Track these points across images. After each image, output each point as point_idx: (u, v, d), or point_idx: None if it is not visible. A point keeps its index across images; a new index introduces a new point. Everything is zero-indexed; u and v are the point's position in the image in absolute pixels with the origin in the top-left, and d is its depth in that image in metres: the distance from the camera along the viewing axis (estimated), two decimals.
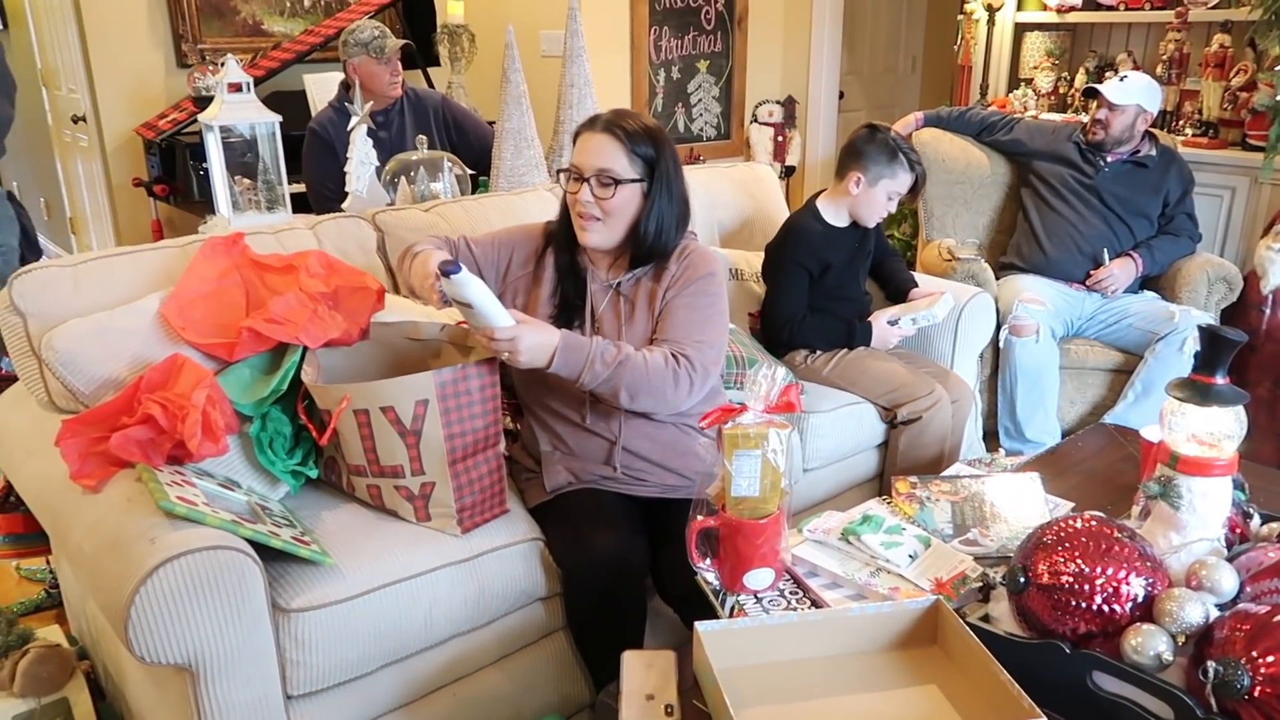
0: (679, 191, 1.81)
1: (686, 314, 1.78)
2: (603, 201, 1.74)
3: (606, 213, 1.76)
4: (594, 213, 1.76)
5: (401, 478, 1.67)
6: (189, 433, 1.52)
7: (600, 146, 1.75)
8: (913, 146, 2.47)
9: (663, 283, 1.82)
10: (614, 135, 1.74)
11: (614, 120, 1.76)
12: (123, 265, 1.89)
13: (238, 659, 1.42)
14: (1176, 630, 1.20)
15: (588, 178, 1.75)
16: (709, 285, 1.82)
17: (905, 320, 2.47)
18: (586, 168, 1.75)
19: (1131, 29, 4.04)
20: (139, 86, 4.09)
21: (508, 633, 1.75)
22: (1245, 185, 3.43)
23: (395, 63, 3.15)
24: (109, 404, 1.59)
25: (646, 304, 1.82)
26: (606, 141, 1.74)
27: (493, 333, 1.59)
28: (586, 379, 1.66)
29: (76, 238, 4.96)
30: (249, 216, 2.47)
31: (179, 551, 1.35)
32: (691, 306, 1.79)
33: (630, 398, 1.69)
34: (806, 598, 1.45)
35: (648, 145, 1.75)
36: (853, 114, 5.08)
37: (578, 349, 1.65)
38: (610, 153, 1.74)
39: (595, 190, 1.74)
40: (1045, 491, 1.74)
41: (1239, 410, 1.34)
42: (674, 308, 1.79)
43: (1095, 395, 2.99)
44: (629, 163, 1.74)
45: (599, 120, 1.78)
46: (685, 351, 1.73)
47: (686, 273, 1.81)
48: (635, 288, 1.84)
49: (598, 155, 1.74)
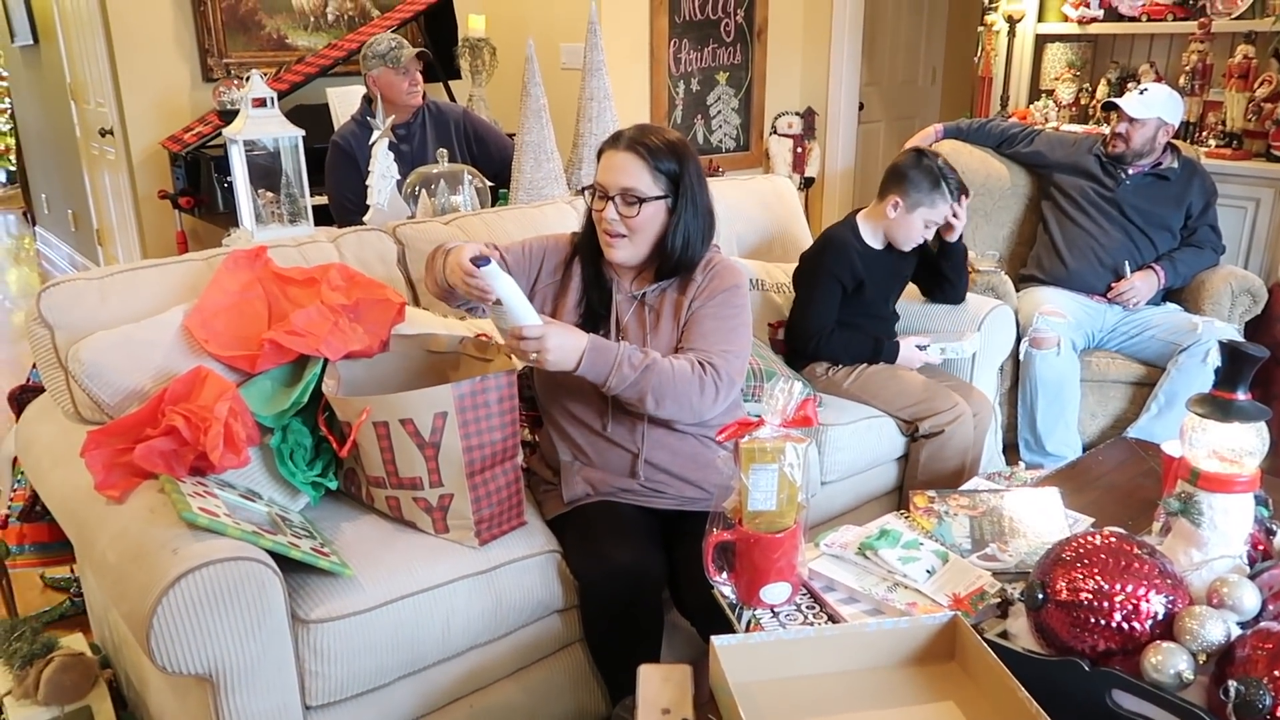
0: (704, 205, 1.82)
1: (713, 324, 1.79)
2: (628, 220, 1.75)
3: (632, 230, 1.76)
4: (619, 230, 1.76)
5: (420, 489, 1.69)
6: (211, 444, 1.54)
7: (624, 165, 1.75)
8: (955, 170, 2.43)
9: (688, 294, 1.82)
10: (637, 153, 1.74)
11: (637, 137, 1.76)
12: (148, 278, 1.92)
13: (258, 669, 1.43)
14: (1197, 649, 1.19)
15: (612, 196, 1.75)
16: (734, 296, 1.83)
17: (934, 349, 2.46)
18: (611, 186, 1.75)
19: (1154, 40, 4.01)
20: (165, 100, 4.15)
21: (524, 645, 1.76)
22: (1270, 197, 3.40)
23: (414, 72, 3.17)
24: (133, 416, 1.61)
25: (672, 314, 1.83)
26: (630, 160, 1.74)
27: (521, 331, 1.60)
28: (614, 382, 1.67)
29: (103, 249, 5.03)
30: (272, 229, 2.49)
31: (201, 562, 1.37)
32: (718, 317, 1.80)
33: (656, 403, 1.70)
34: (823, 613, 1.45)
35: (671, 161, 1.76)
36: (872, 125, 5.08)
37: (606, 351, 1.66)
38: (634, 171, 1.74)
39: (620, 208, 1.75)
40: (1065, 506, 1.72)
41: (1261, 426, 1.33)
42: (700, 318, 1.80)
43: (1117, 408, 2.96)
44: (653, 180, 1.75)
45: (622, 137, 1.78)
46: (712, 360, 1.73)
47: (713, 283, 1.82)
48: (661, 298, 1.84)
49: (622, 174, 1.75)
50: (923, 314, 2.66)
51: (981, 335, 2.54)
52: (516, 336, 1.61)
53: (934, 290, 2.63)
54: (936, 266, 2.57)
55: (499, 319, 1.64)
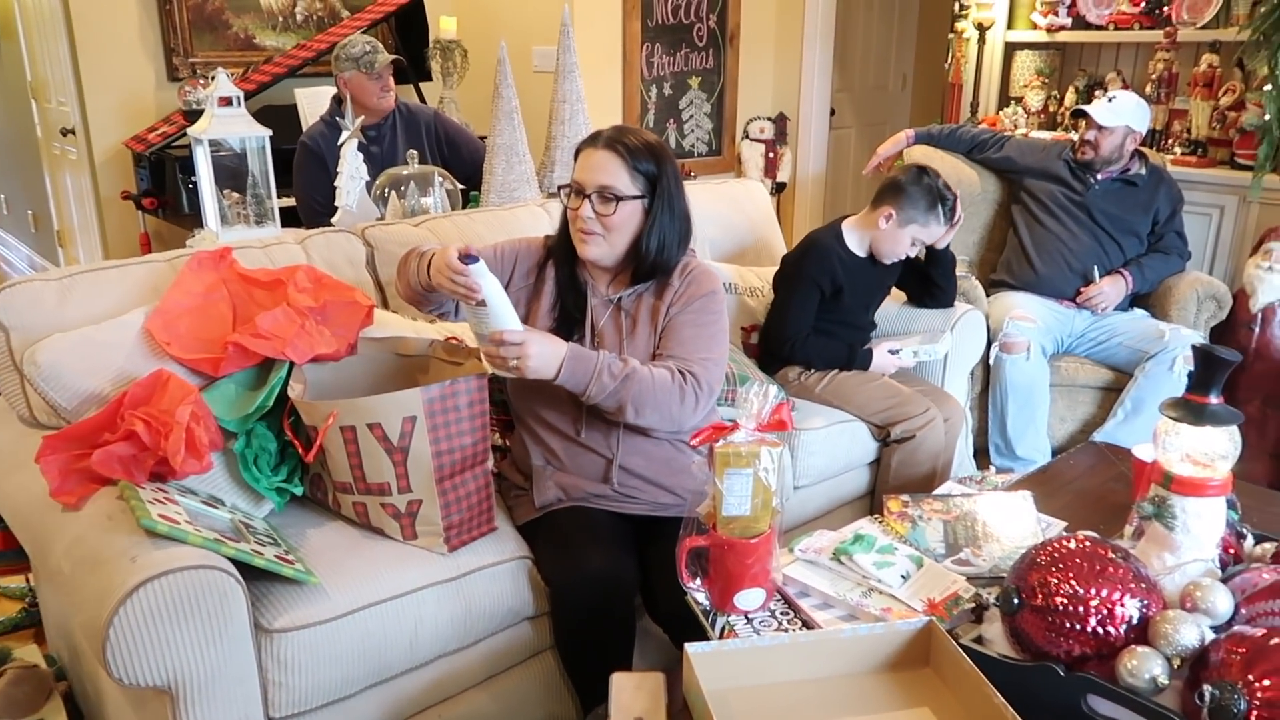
0: (680, 208, 1.80)
1: (692, 331, 1.78)
2: (604, 218, 1.73)
3: (607, 229, 1.75)
4: (595, 229, 1.75)
5: (388, 495, 1.65)
6: (172, 450, 1.50)
7: (602, 163, 1.73)
8: (954, 193, 2.43)
9: (665, 299, 1.81)
10: (615, 152, 1.73)
11: (616, 137, 1.75)
12: (108, 279, 1.87)
13: (218, 680, 1.40)
14: (1172, 653, 1.19)
15: (589, 194, 1.73)
16: (712, 303, 1.82)
17: (907, 352, 2.46)
18: (588, 184, 1.74)
19: (1121, 49, 4.06)
20: (129, 99, 4.07)
21: (495, 653, 1.73)
22: (1234, 204, 3.44)
23: (386, 77, 3.15)
24: (91, 420, 1.57)
25: (649, 319, 1.81)
26: (608, 158, 1.73)
27: (502, 335, 1.58)
28: (593, 391, 1.65)
29: (64, 250, 4.93)
30: (237, 231, 2.44)
31: (160, 571, 1.33)
32: (696, 324, 1.79)
33: (635, 412, 1.68)
34: (798, 618, 1.43)
35: (649, 162, 1.74)
36: (843, 131, 5.10)
37: (585, 360, 1.65)
38: (612, 169, 1.73)
39: (596, 206, 1.73)
40: (1037, 510, 1.73)
41: (1233, 430, 1.33)
42: (678, 324, 1.79)
43: (1085, 413, 2.98)
44: (630, 179, 1.73)
45: (600, 136, 1.77)
46: (692, 369, 1.72)
47: (690, 289, 1.81)
48: (637, 303, 1.83)
49: (599, 172, 1.73)
50: (895, 317, 2.67)
51: (953, 337, 2.55)
52: (497, 341, 1.58)
53: (923, 296, 2.63)
54: (925, 274, 2.58)
55: (478, 323, 1.60)
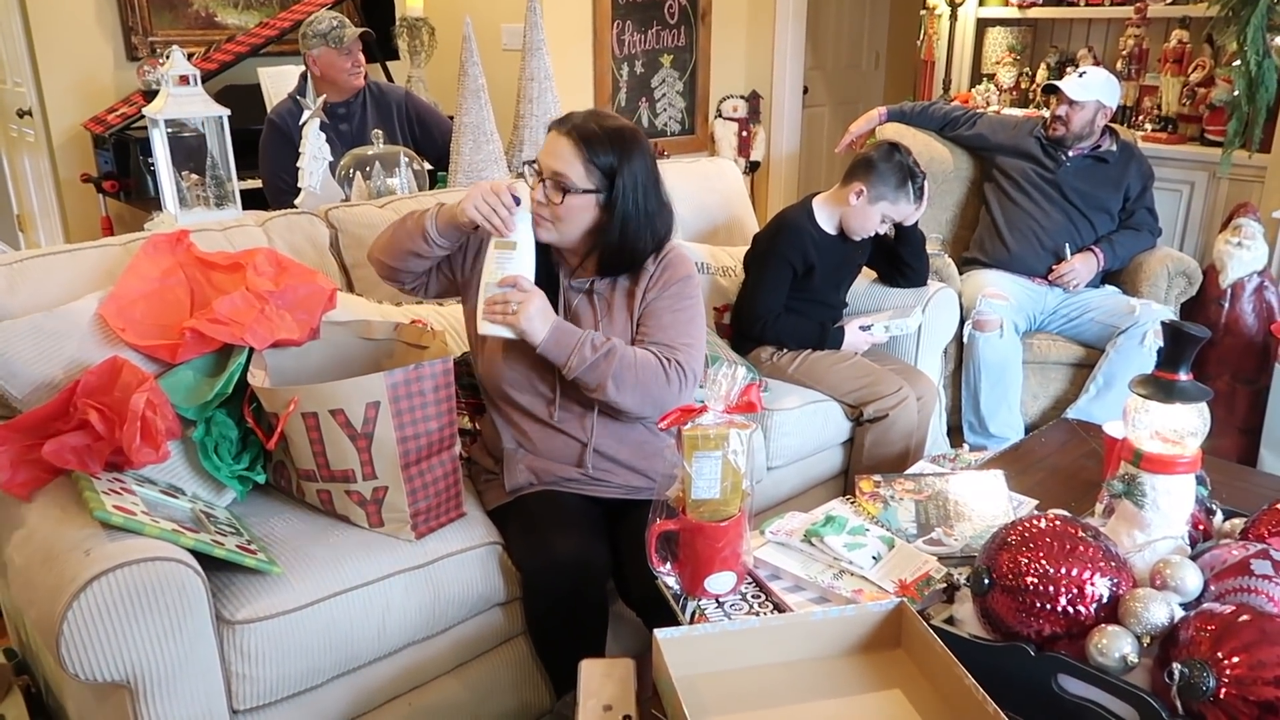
0: (649, 204, 1.73)
1: (671, 316, 1.76)
2: (552, 206, 1.69)
3: (556, 217, 1.69)
4: (544, 214, 1.70)
5: (353, 482, 1.62)
6: (128, 439, 1.46)
7: (560, 150, 1.68)
8: (924, 172, 2.41)
9: (640, 283, 1.78)
10: (574, 140, 1.67)
11: (581, 123, 1.68)
12: (61, 264, 1.82)
13: (179, 674, 1.36)
14: (1142, 631, 1.18)
15: (545, 178, 1.70)
16: (688, 287, 1.79)
17: (878, 327, 2.45)
18: (545, 167, 1.70)
19: (1092, 25, 4.06)
20: (87, 80, 3.98)
21: (465, 640, 1.71)
22: (1204, 180, 3.45)
23: (356, 53, 3.10)
24: (42, 409, 1.52)
25: (625, 304, 1.78)
26: (566, 146, 1.67)
27: (517, 279, 1.62)
28: (574, 362, 1.65)
29: (25, 235, 4.83)
30: (197, 213, 2.39)
31: (115, 564, 1.29)
32: (674, 309, 1.76)
33: (616, 389, 1.66)
34: (769, 601, 1.42)
35: (610, 155, 1.67)
36: (817, 109, 5.08)
37: (570, 332, 1.65)
38: (567, 158, 1.67)
39: (548, 192, 1.68)
40: (1009, 489, 1.72)
41: (1202, 407, 1.33)
42: (657, 310, 1.76)
43: (1058, 389, 2.99)
44: (585, 172, 1.67)
45: (568, 120, 1.70)
46: (677, 356, 1.71)
47: (665, 274, 1.78)
48: (611, 287, 1.80)
49: (555, 157, 1.68)
50: (866, 295, 2.66)
51: (924, 312, 2.54)
52: (509, 283, 1.61)
53: (894, 276, 2.62)
54: (895, 253, 2.56)
55: (496, 267, 1.63)
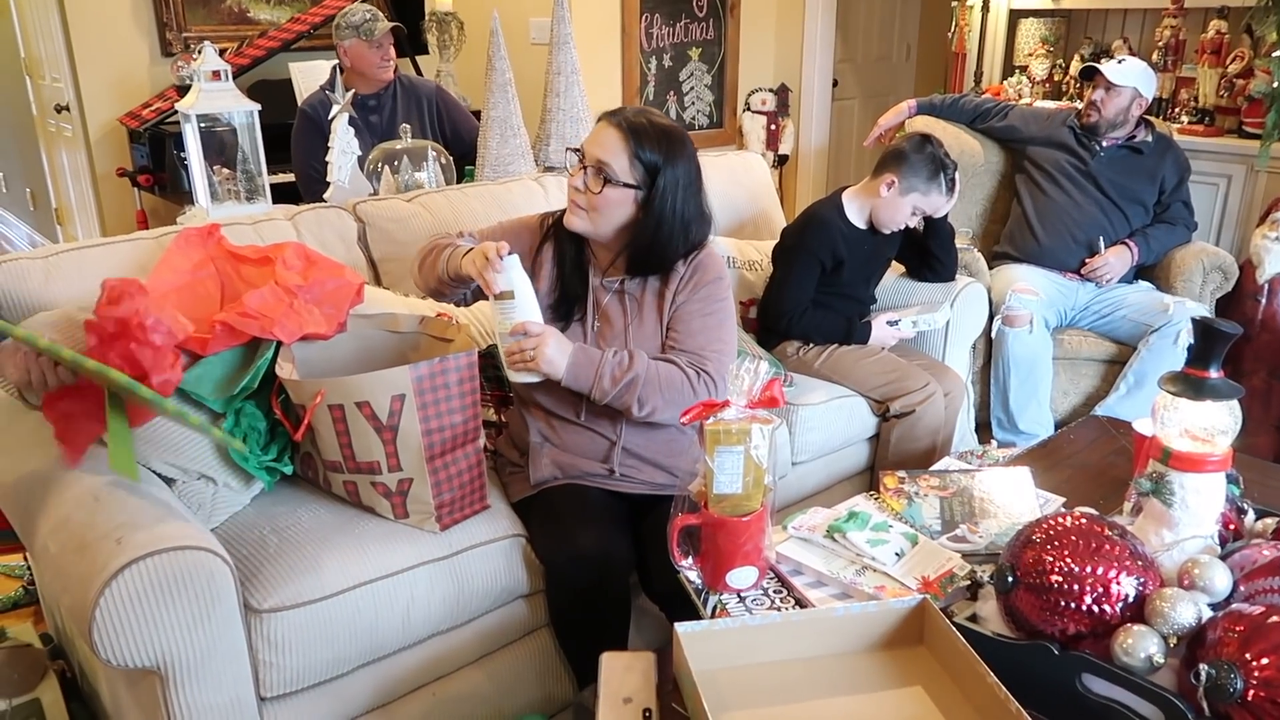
0: (687, 210, 1.73)
1: (701, 321, 1.76)
2: (590, 194, 1.69)
3: (591, 206, 1.71)
4: (580, 201, 1.71)
5: (378, 474, 1.64)
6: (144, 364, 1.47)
7: (607, 139, 1.68)
8: (955, 164, 2.40)
9: (670, 285, 1.78)
10: (622, 132, 1.68)
11: (632, 117, 1.69)
12: (95, 257, 1.85)
13: (208, 661, 1.39)
14: (1168, 631, 1.17)
15: (587, 165, 1.70)
16: (719, 289, 1.79)
17: (906, 322, 2.44)
18: (589, 155, 1.70)
19: (1127, 15, 3.99)
20: (123, 75, 4.03)
21: (488, 631, 1.72)
22: (1241, 173, 3.39)
23: (387, 47, 3.15)
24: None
25: (655, 305, 1.78)
26: (614, 136, 1.68)
27: (525, 326, 1.60)
28: (596, 394, 1.67)
29: (62, 228, 4.91)
30: (228, 207, 2.42)
31: (145, 552, 1.31)
32: (705, 313, 1.76)
33: (640, 408, 1.68)
34: (790, 596, 1.42)
35: (655, 153, 1.68)
36: (846, 102, 5.04)
37: (588, 365, 1.65)
38: (613, 148, 1.68)
39: (588, 180, 1.69)
40: (1036, 486, 1.70)
41: (1233, 404, 1.30)
42: (687, 314, 1.76)
43: (1088, 386, 2.95)
44: (628, 165, 1.67)
45: (620, 113, 1.71)
46: (705, 365, 1.71)
47: (696, 275, 1.78)
48: (642, 287, 1.80)
49: (600, 146, 1.69)
50: (894, 290, 2.64)
51: (953, 307, 2.52)
52: (519, 331, 1.60)
53: (923, 270, 2.60)
54: (924, 246, 2.54)
55: (503, 317, 1.62)
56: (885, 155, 2.41)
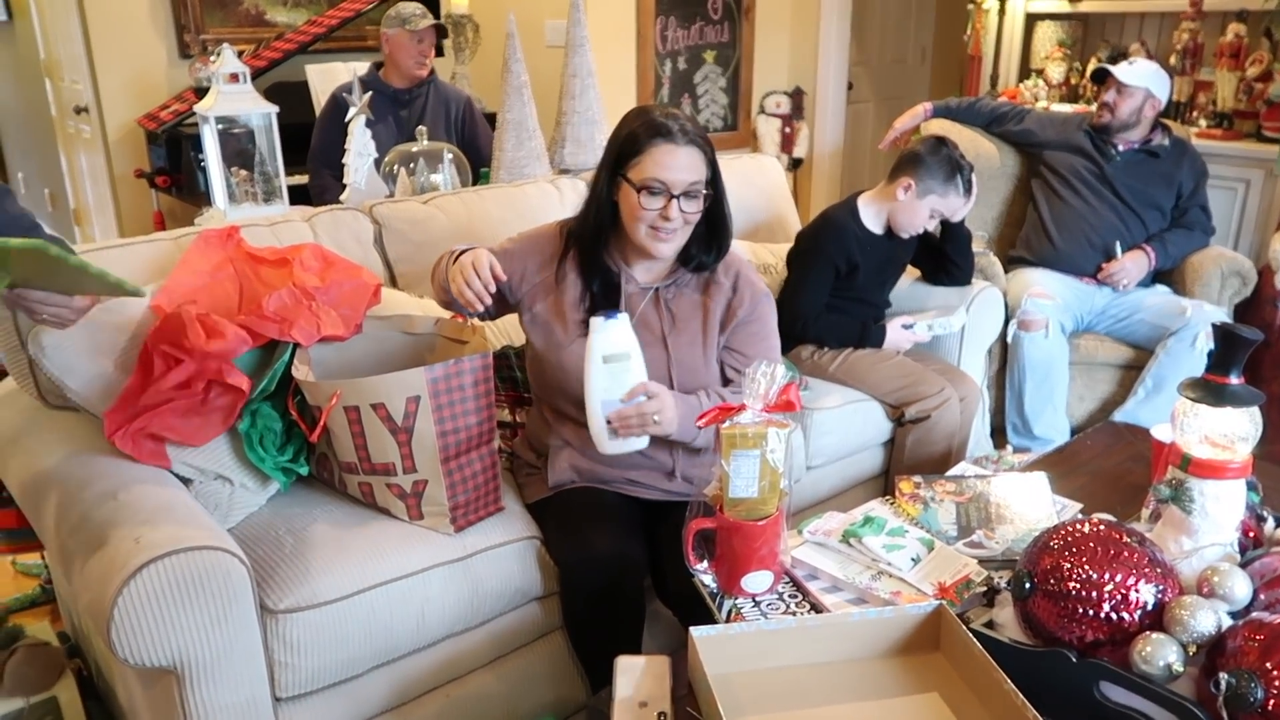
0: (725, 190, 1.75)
1: (763, 345, 1.80)
2: (689, 215, 1.67)
3: (688, 223, 1.69)
4: (670, 230, 1.67)
5: (393, 475, 1.64)
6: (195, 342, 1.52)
7: (688, 161, 1.65)
8: (971, 166, 2.39)
9: (715, 297, 1.77)
10: (696, 145, 1.66)
11: (687, 128, 1.66)
12: (115, 258, 1.86)
13: (224, 661, 1.39)
14: (1187, 639, 1.16)
15: (676, 194, 1.64)
16: (769, 308, 1.83)
17: (921, 326, 2.43)
18: (675, 184, 1.64)
19: (1145, 19, 3.97)
20: (141, 77, 4.06)
21: (503, 633, 1.72)
22: (1260, 178, 3.36)
23: (428, 43, 3.27)
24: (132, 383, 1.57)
25: (698, 317, 1.77)
26: (693, 154, 1.65)
27: (647, 387, 1.55)
28: (700, 441, 1.68)
29: (80, 229, 4.95)
30: (245, 209, 2.43)
31: (163, 552, 1.32)
32: (763, 335, 1.80)
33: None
34: (806, 601, 1.42)
35: (708, 142, 1.70)
36: (861, 105, 5.03)
37: (689, 414, 1.61)
38: (698, 166, 1.66)
39: (684, 205, 1.65)
40: (1053, 492, 1.69)
41: (1254, 411, 1.30)
42: (748, 337, 1.79)
43: (1105, 391, 2.94)
44: (705, 170, 1.68)
45: (674, 131, 1.65)
46: None
47: (749, 291, 1.79)
48: (679, 296, 1.78)
49: (687, 170, 1.65)
50: (911, 294, 2.63)
51: (969, 311, 2.51)
52: (639, 393, 1.54)
53: (939, 274, 2.59)
54: (941, 250, 2.53)
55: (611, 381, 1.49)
56: (901, 159, 2.41)
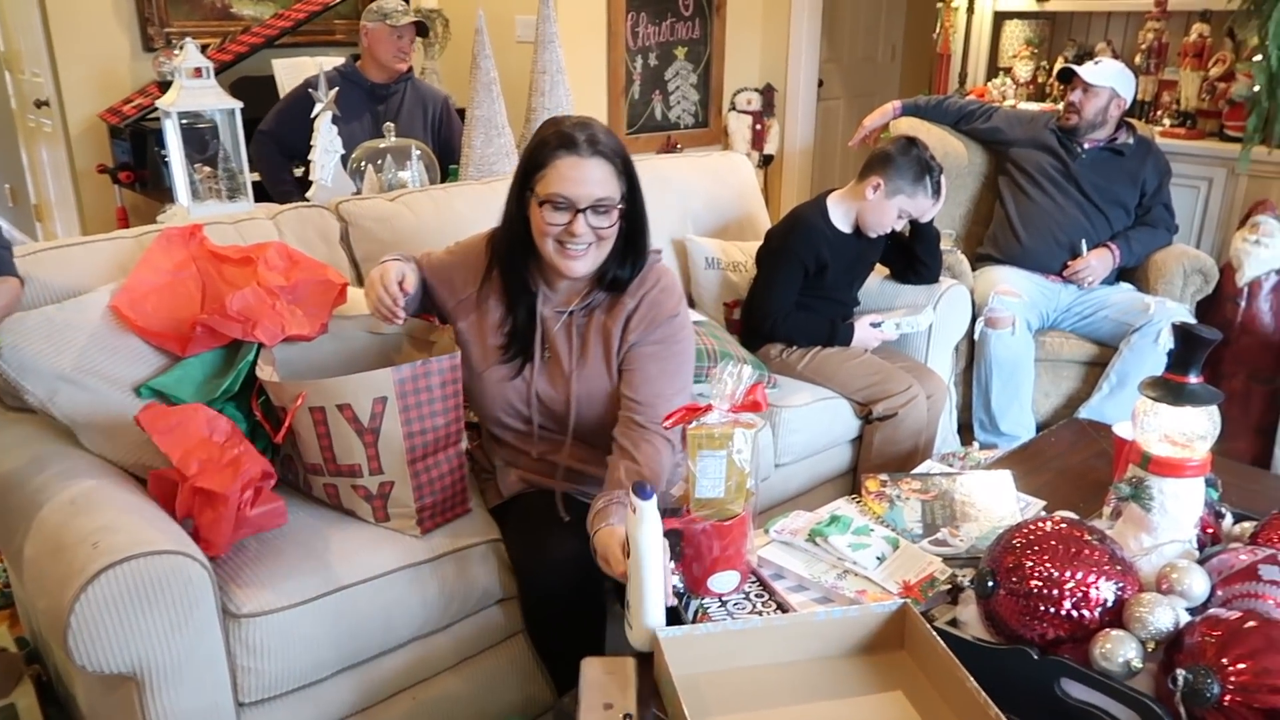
0: (644, 204, 1.67)
1: (658, 367, 1.64)
2: (600, 229, 1.58)
3: (601, 239, 1.60)
4: (581, 248, 1.59)
5: (359, 477, 1.63)
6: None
7: (597, 174, 1.56)
8: (941, 167, 2.40)
9: (617, 317, 1.66)
10: (605, 157, 1.57)
11: (594, 139, 1.57)
12: (74, 256, 1.83)
13: (185, 667, 1.37)
14: (1146, 636, 1.18)
15: (583, 209, 1.56)
16: (676, 331, 1.68)
17: (889, 324, 2.44)
18: (582, 198, 1.55)
19: (1111, 18, 4.01)
20: (104, 71, 3.99)
21: (469, 635, 1.71)
22: (1222, 176, 3.41)
23: (407, 39, 3.25)
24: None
25: (600, 340, 1.68)
26: (601, 167, 1.56)
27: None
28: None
29: (42, 225, 4.86)
30: (209, 205, 2.40)
31: (123, 556, 1.30)
32: (660, 356, 1.65)
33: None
34: (772, 600, 1.42)
35: (622, 156, 1.60)
36: (832, 102, 5.05)
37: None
38: (607, 180, 1.57)
39: (591, 220, 1.56)
40: (1017, 489, 1.71)
41: (1213, 410, 1.31)
42: (641, 358, 1.65)
43: (1070, 388, 2.97)
44: (618, 183, 1.59)
45: (579, 142, 1.56)
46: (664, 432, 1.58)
47: (650, 313, 1.66)
48: (588, 319, 1.69)
49: (596, 184, 1.56)
50: (879, 292, 2.64)
51: (936, 310, 2.53)
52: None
53: (907, 273, 2.60)
54: (909, 249, 2.55)
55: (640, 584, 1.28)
56: (871, 158, 2.42)
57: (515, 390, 1.70)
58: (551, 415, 1.72)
